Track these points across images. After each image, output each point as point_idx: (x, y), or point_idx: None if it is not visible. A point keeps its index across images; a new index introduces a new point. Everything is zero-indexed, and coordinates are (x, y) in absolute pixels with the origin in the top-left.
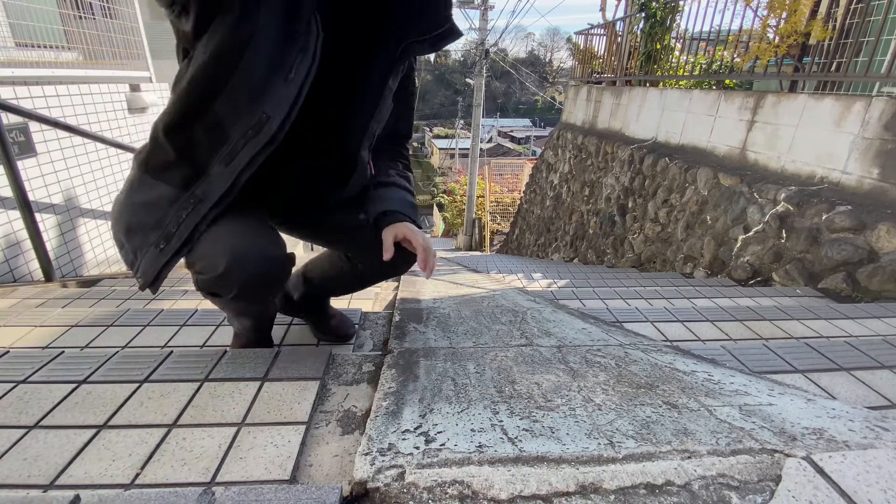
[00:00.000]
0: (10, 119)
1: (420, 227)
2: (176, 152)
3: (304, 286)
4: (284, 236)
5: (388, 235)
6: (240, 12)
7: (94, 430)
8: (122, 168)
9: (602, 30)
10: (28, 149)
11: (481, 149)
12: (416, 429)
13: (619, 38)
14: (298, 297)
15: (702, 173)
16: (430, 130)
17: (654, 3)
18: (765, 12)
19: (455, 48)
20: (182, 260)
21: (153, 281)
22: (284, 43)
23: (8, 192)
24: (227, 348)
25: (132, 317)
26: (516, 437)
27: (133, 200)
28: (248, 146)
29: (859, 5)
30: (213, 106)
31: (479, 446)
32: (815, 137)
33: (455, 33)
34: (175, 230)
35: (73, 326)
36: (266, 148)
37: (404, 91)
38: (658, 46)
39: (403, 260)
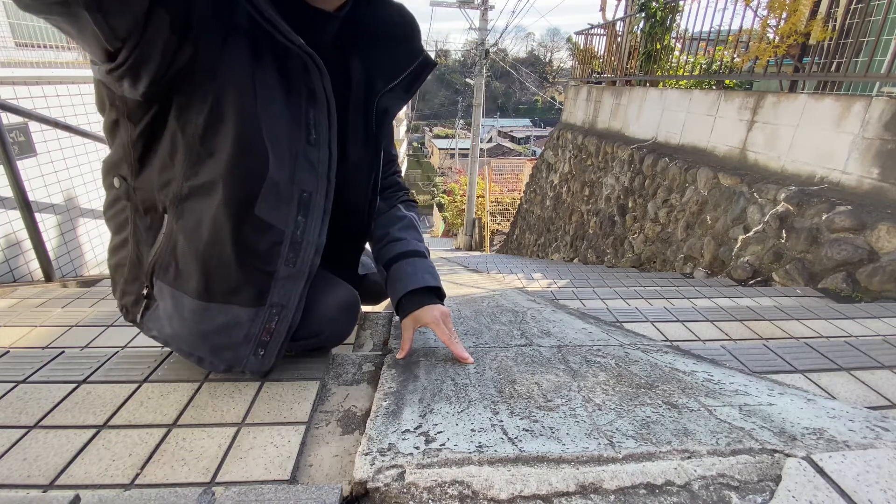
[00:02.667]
0: (10, 119)
1: (443, 295)
2: (240, 271)
3: None
4: None
5: (409, 327)
6: (253, 82)
7: (93, 430)
8: None
9: (602, 30)
10: (28, 149)
11: (481, 149)
12: (416, 429)
13: (619, 38)
14: None
15: (702, 173)
16: (430, 130)
17: (654, 3)
18: (765, 12)
19: (455, 48)
20: None
21: (268, 372)
22: (287, 94)
23: (8, 192)
24: None
25: None
26: (516, 437)
27: (204, 329)
28: (306, 233)
29: (859, 5)
30: (253, 210)
31: (479, 446)
32: (815, 137)
33: (430, 65)
34: (269, 339)
35: (73, 326)
36: (323, 223)
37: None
38: (658, 46)
39: None
